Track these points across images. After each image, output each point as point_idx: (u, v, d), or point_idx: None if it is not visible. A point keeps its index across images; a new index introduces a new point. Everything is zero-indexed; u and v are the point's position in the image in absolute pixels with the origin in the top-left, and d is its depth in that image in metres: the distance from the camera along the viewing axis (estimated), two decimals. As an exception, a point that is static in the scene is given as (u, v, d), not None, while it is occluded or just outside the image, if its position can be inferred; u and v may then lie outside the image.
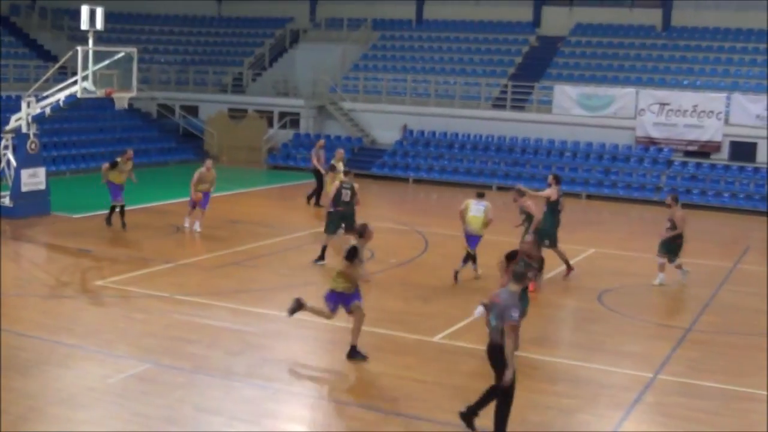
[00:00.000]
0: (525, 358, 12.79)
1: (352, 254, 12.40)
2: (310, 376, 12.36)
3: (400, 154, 35.28)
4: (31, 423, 10.21)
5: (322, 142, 28.04)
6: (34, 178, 23.10)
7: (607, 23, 38.90)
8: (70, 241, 20.30)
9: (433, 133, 35.88)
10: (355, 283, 12.63)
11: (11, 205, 22.57)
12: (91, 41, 21.85)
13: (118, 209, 21.64)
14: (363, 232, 12.71)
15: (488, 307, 10.05)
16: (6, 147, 23.28)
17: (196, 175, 21.37)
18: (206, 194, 21.49)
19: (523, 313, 11.84)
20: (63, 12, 41.36)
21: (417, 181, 33.82)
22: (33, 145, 23.00)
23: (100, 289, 16.31)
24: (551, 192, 18.77)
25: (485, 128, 35.22)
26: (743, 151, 31.96)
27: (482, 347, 13.44)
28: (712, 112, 32.14)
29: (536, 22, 40.16)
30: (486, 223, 17.64)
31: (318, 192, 26.25)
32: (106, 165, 21.67)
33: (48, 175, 23.86)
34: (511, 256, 12.54)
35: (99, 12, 21.71)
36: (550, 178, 19.25)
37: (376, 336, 14.09)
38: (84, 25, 21.70)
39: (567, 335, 15.64)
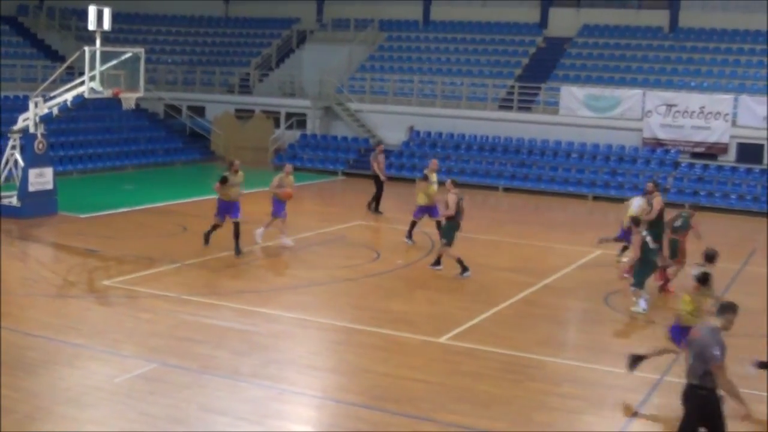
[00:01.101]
0: (531, 359, 12.79)
1: (706, 279, 11.76)
2: (316, 377, 12.35)
3: (407, 154, 35.28)
4: (38, 422, 10.24)
5: (381, 146, 26.87)
6: (42, 178, 23.16)
7: (614, 24, 38.85)
8: (77, 240, 20.34)
9: (440, 134, 35.88)
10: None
11: (19, 205, 22.63)
12: (98, 41, 21.93)
13: (217, 228, 19.71)
14: (714, 257, 12.09)
15: (688, 343, 9.47)
16: (14, 147, 23.36)
17: (275, 180, 20.43)
18: (282, 202, 20.34)
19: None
20: (70, 12, 41.44)
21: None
22: (40, 145, 23.07)
23: (107, 289, 16.35)
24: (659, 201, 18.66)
25: (492, 129, 35.20)
26: (750, 152, 31.89)
27: (487, 348, 13.58)
28: (719, 113, 32.08)
29: (543, 23, 40.14)
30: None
31: (378, 198, 25.83)
32: (217, 184, 19.37)
33: (55, 175, 23.90)
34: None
35: (106, 12, 21.76)
36: (651, 186, 19.09)
37: (381, 336, 14.11)
38: (91, 25, 21.75)
39: (573, 336, 15.61)
